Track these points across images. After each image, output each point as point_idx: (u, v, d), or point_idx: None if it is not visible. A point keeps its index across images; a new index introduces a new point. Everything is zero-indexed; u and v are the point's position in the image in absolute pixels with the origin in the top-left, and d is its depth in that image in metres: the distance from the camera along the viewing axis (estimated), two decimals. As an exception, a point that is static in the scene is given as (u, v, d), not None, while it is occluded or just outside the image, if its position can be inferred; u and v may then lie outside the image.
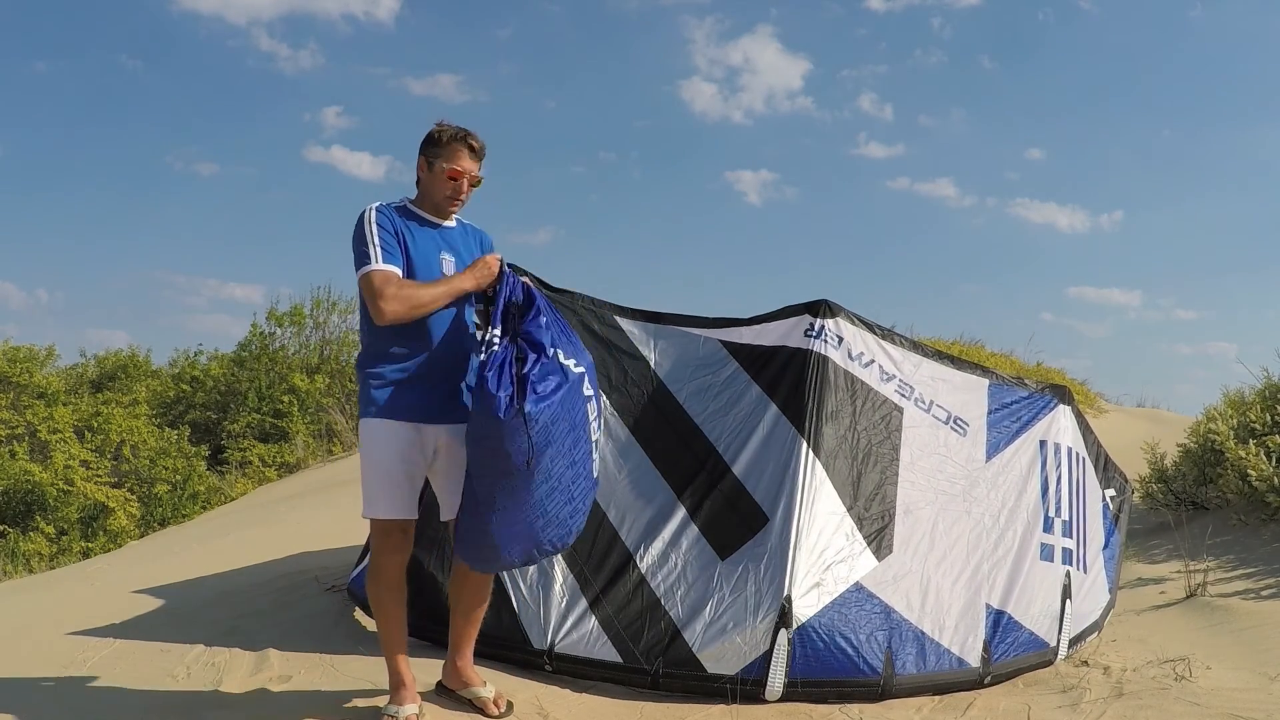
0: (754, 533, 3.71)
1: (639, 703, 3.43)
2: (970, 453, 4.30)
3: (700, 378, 4.13)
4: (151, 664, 3.91)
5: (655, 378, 4.18)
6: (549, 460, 2.86)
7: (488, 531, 2.93)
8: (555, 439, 2.86)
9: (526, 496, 2.87)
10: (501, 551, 2.96)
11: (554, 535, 2.97)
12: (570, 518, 2.99)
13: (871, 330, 4.22)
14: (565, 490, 2.93)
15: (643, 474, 4.00)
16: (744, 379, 4.06)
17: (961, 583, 3.91)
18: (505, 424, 2.77)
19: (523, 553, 2.99)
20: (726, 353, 4.15)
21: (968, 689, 3.65)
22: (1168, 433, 9.21)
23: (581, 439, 2.97)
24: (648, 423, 4.11)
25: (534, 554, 3.02)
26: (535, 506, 2.89)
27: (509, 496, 2.87)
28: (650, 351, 4.25)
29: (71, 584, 6.65)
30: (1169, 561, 5.92)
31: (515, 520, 2.90)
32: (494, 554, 2.98)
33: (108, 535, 11.36)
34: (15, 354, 13.23)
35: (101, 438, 12.77)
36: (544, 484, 2.87)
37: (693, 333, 4.24)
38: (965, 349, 13.86)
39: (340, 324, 16.03)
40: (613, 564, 3.79)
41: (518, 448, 2.80)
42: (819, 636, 3.49)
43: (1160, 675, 3.81)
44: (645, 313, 4.33)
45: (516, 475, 2.84)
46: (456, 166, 3.07)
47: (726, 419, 4.00)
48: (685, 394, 4.11)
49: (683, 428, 4.04)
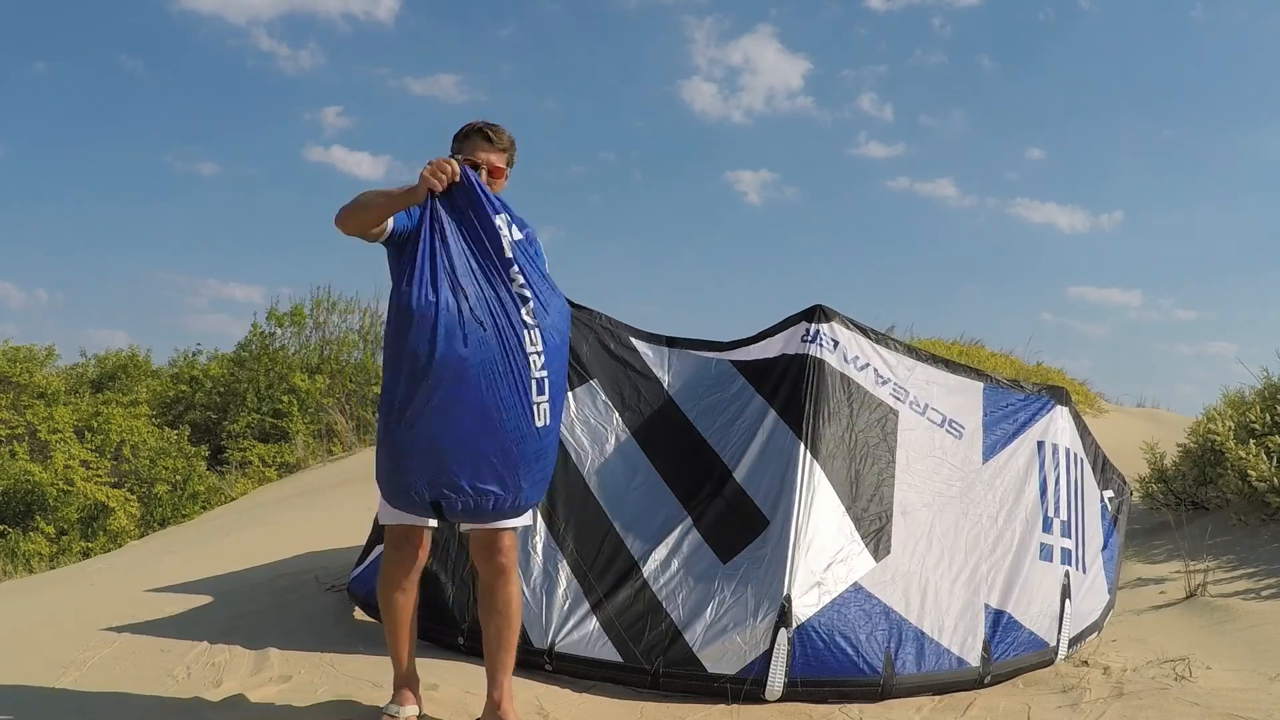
0: (755, 535, 3.73)
1: (639, 703, 3.43)
2: (967, 455, 4.32)
3: (711, 396, 4.23)
4: (151, 664, 3.91)
5: (667, 397, 4.27)
6: (453, 363, 2.67)
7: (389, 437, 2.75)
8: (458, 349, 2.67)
9: (424, 403, 2.67)
10: (402, 463, 2.73)
11: (461, 467, 2.71)
12: (480, 453, 2.72)
13: (866, 334, 4.30)
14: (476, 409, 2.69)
15: (651, 487, 4.05)
16: (749, 392, 4.16)
17: (960, 583, 3.91)
18: (415, 314, 2.67)
19: (428, 480, 2.72)
20: (735, 370, 4.25)
21: (968, 689, 3.66)
22: (1168, 433, 9.21)
23: (514, 368, 2.73)
24: (658, 439, 4.18)
25: (443, 486, 2.72)
26: (431, 414, 2.68)
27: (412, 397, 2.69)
28: (664, 373, 4.35)
29: (71, 584, 6.65)
30: (1169, 561, 5.92)
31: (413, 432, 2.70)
32: (395, 472, 2.76)
33: (108, 535, 11.35)
34: (15, 354, 13.22)
35: (101, 438, 12.76)
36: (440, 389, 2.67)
37: (705, 355, 4.36)
38: (965, 349, 13.86)
39: (340, 324, 16.02)
40: (617, 569, 3.82)
41: (421, 336, 2.66)
42: (819, 636, 3.50)
43: (1160, 675, 3.82)
44: (659, 336, 4.45)
45: (420, 374, 2.67)
46: (472, 157, 3.12)
47: (731, 430, 4.07)
48: (696, 412, 4.21)
49: (691, 442, 4.12)
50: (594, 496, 4.06)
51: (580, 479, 4.10)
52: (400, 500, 2.82)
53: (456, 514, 2.78)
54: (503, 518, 2.86)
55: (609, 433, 4.22)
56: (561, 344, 2.88)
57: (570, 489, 4.06)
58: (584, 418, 4.26)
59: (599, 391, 4.30)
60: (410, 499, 2.77)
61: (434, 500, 2.73)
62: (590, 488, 4.09)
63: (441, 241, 2.76)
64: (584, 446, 4.20)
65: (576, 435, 4.21)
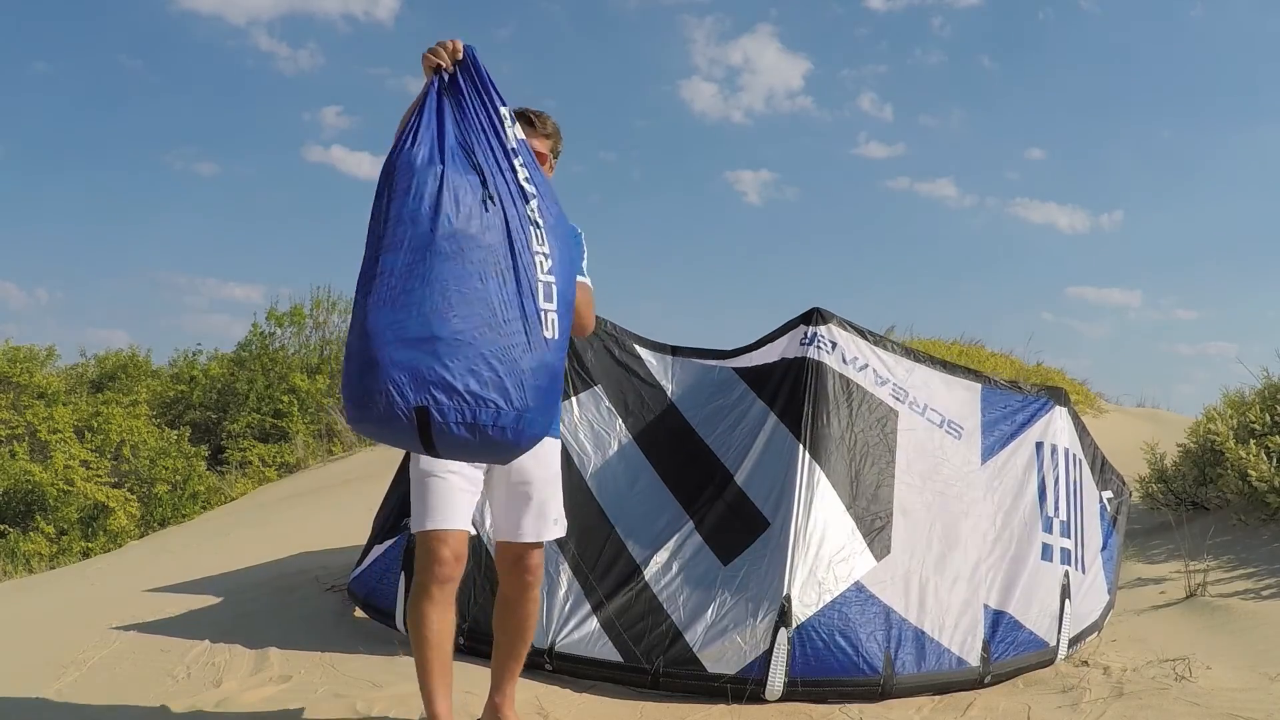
0: (755, 537, 3.74)
1: (639, 702, 3.44)
2: (966, 455, 4.33)
3: (714, 403, 4.27)
4: (151, 664, 3.91)
5: (670, 404, 4.33)
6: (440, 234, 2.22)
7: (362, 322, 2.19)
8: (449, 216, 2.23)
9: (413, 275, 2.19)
10: (378, 353, 2.14)
11: (452, 357, 2.15)
12: (480, 353, 2.18)
13: (864, 336, 4.32)
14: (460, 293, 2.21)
15: (653, 491, 4.08)
16: (750, 397, 4.20)
17: (960, 583, 3.92)
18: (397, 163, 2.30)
19: (413, 377, 2.14)
20: (737, 376, 4.29)
21: (968, 689, 3.66)
22: (1167, 433, 9.20)
23: (521, 264, 2.30)
24: (660, 444, 4.21)
25: (432, 385, 2.14)
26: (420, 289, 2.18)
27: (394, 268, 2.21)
28: (667, 381, 4.39)
29: (71, 584, 6.66)
30: (1169, 561, 5.92)
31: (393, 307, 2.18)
32: (371, 363, 2.15)
33: (108, 535, 11.36)
34: (15, 354, 13.23)
35: (101, 438, 12.77)
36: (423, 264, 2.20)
37: (707, 364, 4.40)
38: (965, 349, 13.85)
39: (340, 324, 16.04)
40: (618, 572, 3.83)
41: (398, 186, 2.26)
42: (819, 636, 3.50)
43: (1160, 675, 3.82)
44: (664, 345, 4.50)
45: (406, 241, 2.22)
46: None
47: (733, 435, 4.11)
48: (698, 419, 4.25)
49: (693, 448, 4.15)
50: (596, 500, 4.07)
51: (583, 482, 4.11)
52: (372, 411, 2.14)
53: (447, 428, 2.14)
54: (503, 447, 2.25)
55: (612, 438, 4.24)
56: (567, 263, 2.43)
57: (572, 492, 4.06)
58: (587, 422, 4.28)
59: (603, 397, 4.32)
60: (388, 406, 2.11)
61: (419, 405, 2.11)
62: (592, 491, 4.10)
63: (448, 113, 2.40)
64: (587, 451, 4.21)
65: (580, 439, 4.22)
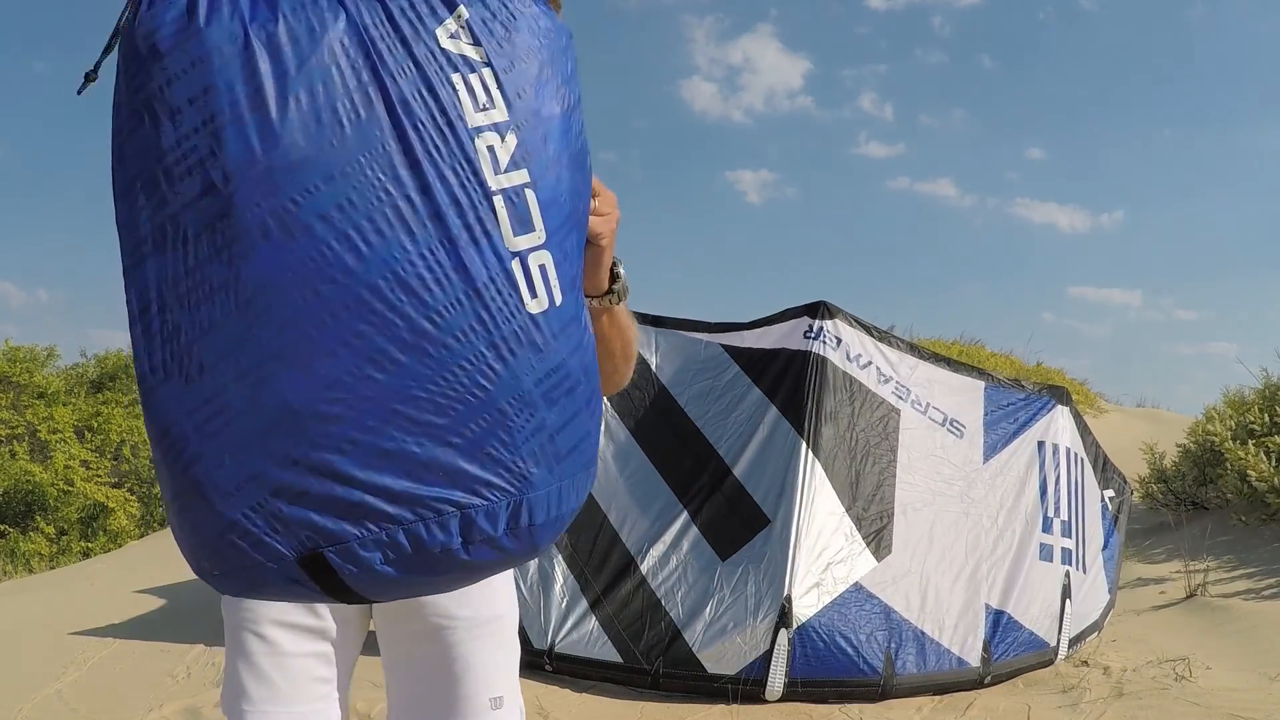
0: (754, 534, 3.73)
1: (639, 703, 3.43)
2: (967, 454, 4.32)
3: (702, 381, 4.16)
4: (151, 664, 3.91)
5: (656, 380, 4.20)
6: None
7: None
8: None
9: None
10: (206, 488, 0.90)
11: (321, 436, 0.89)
12: (387, 403, 0.90)
13: (869, 332, 4.27)
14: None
15: (644, 476, 4.02)
16: (745, 382, 4.09)
17: (961, 583, 3.91)
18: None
19: (252, 487, 0.90)
20: (728, 356, 4.18)
21: (968, 689, 3.66)
22: (1168, 433, 9.20)
23: (430, 180, 0.92)
24: (648, 425, 4.13)
25: (288, 492, 0.89)
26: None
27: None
28: (651, 354, 4.26)
29: (71, 584, 6.65)
30: (1169, 561, 5.92)
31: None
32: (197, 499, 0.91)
33: (108, 535, 11.36)
34: (15, 354, 13.22)
35: (101, 438, 12.76)
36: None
37: (694, 337, 4.27)
38: (965, 349, 13.84)
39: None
40: (614, 565, 3.81)
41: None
42: (819, 636, 3.50)
43: (1160, 675, 3.82)
44: (646, 316, 4.33)
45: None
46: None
47: (727, 422, 4.03)
48: (686, 397, 4.14)
49: (684, 430, 4.06)
50: None
51: None
52: (224, 564, 0.93)
53: (371, 569, 0.92)
54: (490, 566, 0.98)
55: None
56: (557, 138, 1.00)
57: None
58: None
59: None
60: (242, 558, 0.92)
61: (302, 553, 0.91)
62: None
63: None
64: None
65: None
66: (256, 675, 1.38)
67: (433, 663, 1.40)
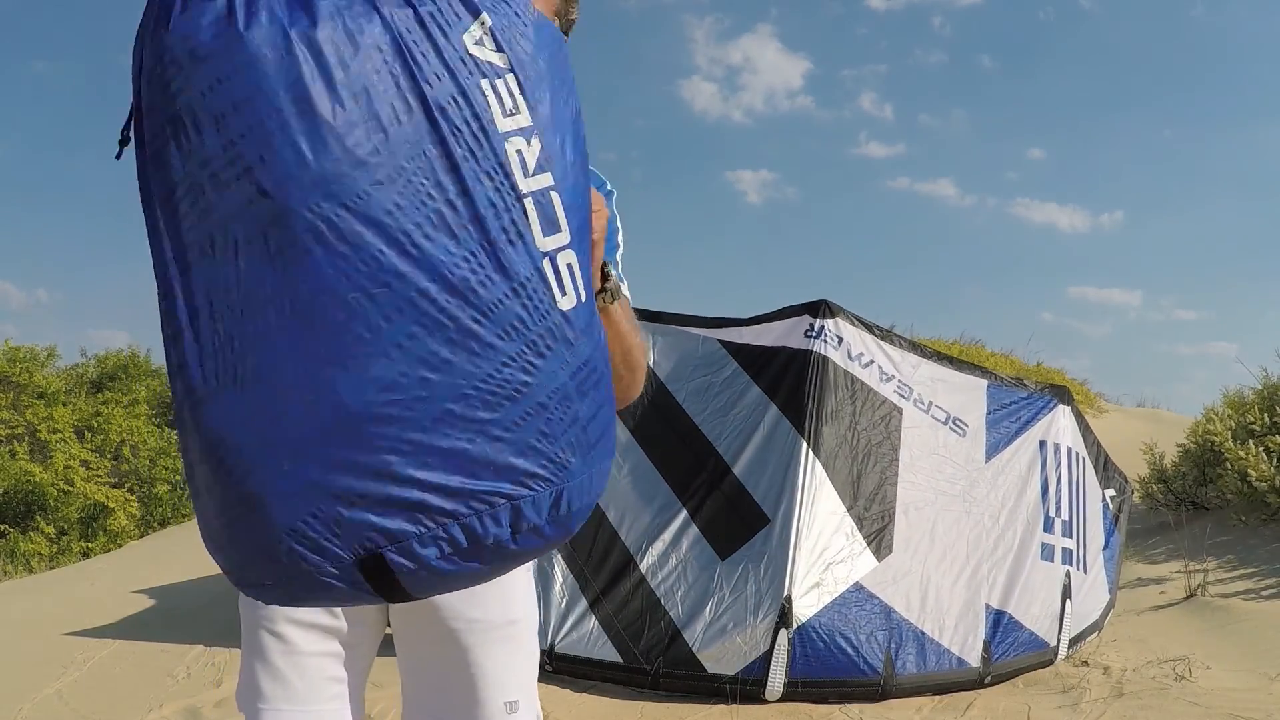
0: (754, 533, 3.72)
1: (639, 703, 3.43)
2: (970, 453, 4.31)
3: (700, 377, 4.14)
4: (151, 664, 3.91)
5: (654, 377, 4.18)
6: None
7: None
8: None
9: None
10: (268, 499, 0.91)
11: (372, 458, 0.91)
12: (437, 403, 0.92)
13: (870, 331, 4.25)
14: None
15: (642, 474, 4.00)
16: (744, 379, 4.07)
17: (961, 583, 3.91)
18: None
19: (313, 493, 0.91)
20: (726, 353, 4.16)
21: (968, 689, 3.65)
22: (1168, 433, 9.20)
23: (469, 182, 0.94)
24: (647, 422, 4.10)
25: (348, 495, 0.90)
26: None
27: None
28: (649, 350, 4.24)
29: (71, 584, 6.65)
30: (1169, 561, 5.92)
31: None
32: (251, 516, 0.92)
33: (108, 535, 11.36)
34: (15, 354, 13.22)
35: (101, 438, 12.76)
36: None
37: (692, 332, 4.24)
38: (965, 349, 13.84)
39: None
40: (613, 564, 3.80)
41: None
42: (819, 636, 3.49)
43: (1160, 675, 3.81)
44: (643, 311, 4.30)
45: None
46: None
47: (727, 419, 4.01)
48: (685, 394, 4.12)
49: (682, 428, 4.05)
50: None
51: None
52: (279, 573, 0.94)
53: (426, 566, 0.95)
54: (526, 554, 1.02)
55: None
56: (573, 141, 1.06)
57: None
58: None
59: None
60: (298, 565, 0.93)
61: (361, 554, 0.93)
62: None
63: None
64: None
65: None
66: (272, 674, 1.42)
67: (448, 666, 1.41)
